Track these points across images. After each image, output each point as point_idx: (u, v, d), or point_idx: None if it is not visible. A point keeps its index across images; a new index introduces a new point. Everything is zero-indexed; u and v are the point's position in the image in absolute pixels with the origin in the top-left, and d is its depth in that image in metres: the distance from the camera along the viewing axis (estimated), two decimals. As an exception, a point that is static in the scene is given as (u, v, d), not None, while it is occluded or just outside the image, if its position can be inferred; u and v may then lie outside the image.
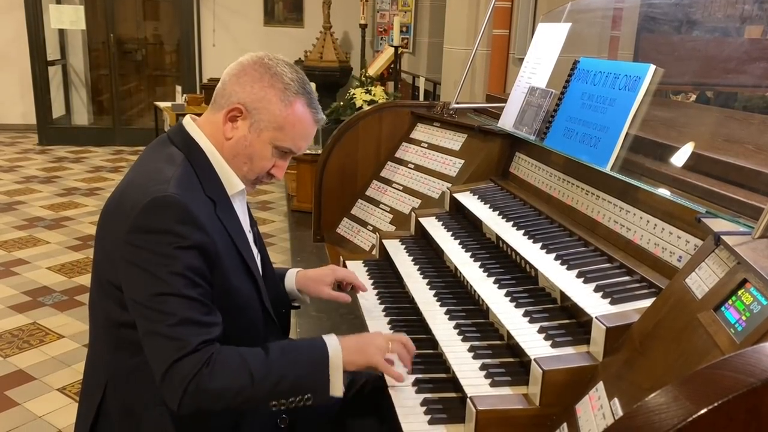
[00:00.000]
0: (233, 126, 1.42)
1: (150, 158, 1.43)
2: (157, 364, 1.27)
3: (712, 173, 1.45)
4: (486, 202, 2.08)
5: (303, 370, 1.33)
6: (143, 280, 1.27)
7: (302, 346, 1.41)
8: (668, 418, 0.65)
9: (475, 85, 5.00)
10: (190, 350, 1.25)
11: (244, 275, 1.43)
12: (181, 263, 1.26)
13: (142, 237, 1.27)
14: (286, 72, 1.43)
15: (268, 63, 1.43)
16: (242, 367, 1.28)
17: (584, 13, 2.59)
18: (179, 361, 1.24)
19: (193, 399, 1.24)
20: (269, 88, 1.40)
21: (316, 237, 2.75)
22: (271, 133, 1.42)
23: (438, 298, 1.76)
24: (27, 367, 3.00)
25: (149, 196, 1.28)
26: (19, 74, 8.28)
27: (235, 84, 1.42)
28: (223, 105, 1.42)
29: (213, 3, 8.80)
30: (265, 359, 1.31)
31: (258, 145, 1.42)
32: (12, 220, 5.13)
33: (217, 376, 1.25)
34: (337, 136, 2.70)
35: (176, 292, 1.26)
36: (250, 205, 1.61)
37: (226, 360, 1.27)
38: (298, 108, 1.42)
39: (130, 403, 1.38)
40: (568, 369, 1.24)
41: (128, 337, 1.34)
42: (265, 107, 1.40)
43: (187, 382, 1.23)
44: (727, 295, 1.05)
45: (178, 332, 1.26)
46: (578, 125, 1.78)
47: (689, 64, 3.48)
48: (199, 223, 1.29)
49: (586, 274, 1.47)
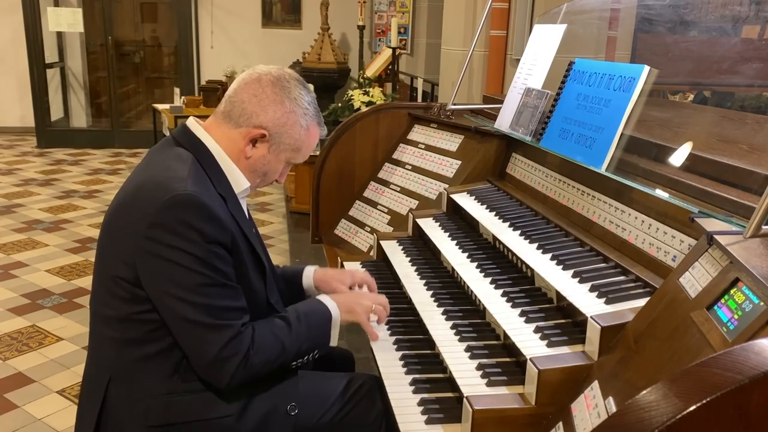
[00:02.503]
0: (253, 148, 1.49)
1: (159, 159, 1.46)
2: (203, 351, 1.34)
3: (707, 173, 1.46)
4: (483, 202, 2.09)
5: (316, 334, 1.52)
6: (175, 273, 1.32)
7: (312, 311, 1.55)
8: (658, 416, 0.66)
9: (473, 86, 5.01)
10: (236, 333, 1.35)
11: (256, 270, 1.50)
12: (209, 254, 1.33)
13: (166, 233, 1.31)
14: (303, 95, 1.52)
15: (286, 86, 1.49)
16: (276, 341, 1.43)
17: (580, 14, 2.60)
18: (228, 345, 1.34)
19: (243, 376, 1.37)
20: (290, 114, 1.49)
21: (314, 238, 2.76)
22: (289, 154, 1.53)
23: (435, 298, 1.77)
24: (26, 370, 3.00)
25: (169, 193, 1.32)
26: (17, 77, 8.29)
27: (256, 105, 1.47)
28: (242, 123, 1.47)
29: (211, 5, 8.81)
30: (289, 329, 1.47)
31: (275, 163, 1.53)
32: (11, 223, 5.13)
33: (260, 353, 1.39)
34: (335, 137, 2.71)
35: (211, 282, 1.34)
36: (249, 206, 1.64)
37: (264, 337, 1.41)
38: (313, 131, 1.55)
39: (136, 396, 1.40)
40: (564, 368, 1.25)
41: (134, 330, 1.39)
42: (287, 133, 1.50)
43: (237, 363, 1.35)
44: (720, 294, 1.06)
45: (222, 319, 1.35)
46: (574, 126, 1.79)
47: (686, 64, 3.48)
48: (218, 219, 1.35)
49: (582, 274, 1.48)
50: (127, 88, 9.24)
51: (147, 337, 1.38)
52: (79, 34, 8.30)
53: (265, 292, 1.53)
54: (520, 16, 4.71)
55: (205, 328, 1.33)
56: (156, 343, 1.38)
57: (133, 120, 9.07)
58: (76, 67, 8.70)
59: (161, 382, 1.39)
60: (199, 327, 1.33)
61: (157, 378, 1.39)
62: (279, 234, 5.05)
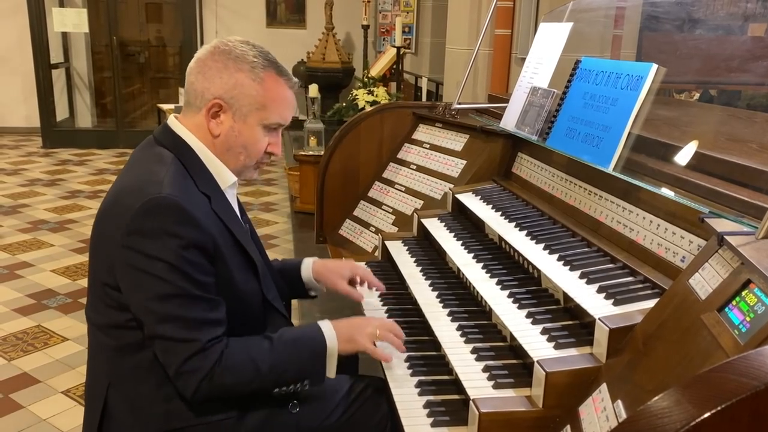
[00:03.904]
0: (217, 122, 1.42)
1: (139, 161, 1.43)
2: (169, 363, 1.30)
3: (716, 173, 1.44)
4: (488, 202, 2.07)
5: (304, 362, 1.41)
6: (146, 282, 1.28)
7: (302, 337, 1.45)
8: (671, 423, 0.65)
9: (478, 85, 5.00)
10: (200, 348, 1.29)
11: (245, 267, 1.45)
12: (183, 263, 1.28)
13: (140, 240, 1.27)
14: (246, 51, 1.41)
15: (225, 49, 1.41)
16: (251, 362, 1.34)
17: (586, 13, 2.58)
18: (190, 359, 1.29)
19: (207, 393, 1.31)
20: (238, 73, 1.39)
21: (319, 239, 2.75)
22: (256, 115, 1.42)
23: (440, 299, 1.75)
24: (31, 370, 3.00)
25: (143, 198, 1.28)
26: (23, 77, 8.30)
27: (203, 81, 1.41)
28: (200, 105, 1.42)
29: (215, 5, 8.81)
30: (270, 352, 1.37)
31: (247, 132, 1.43)
32: (16, 223, 5.13)
33: (228, 372, 1.31)
34: (339, 137, 2.70)
35: (180, 293, 1.28)
36: (253, 206, 1.62)
37: (235, 356, 1.33)
38: (271, 82, 1.42)
39: (135, 402, 1.38)
40: (571, 371, 1.24)
41: (127, 337, 1.36)
42: (240, 92, 1.40)
43: (199, 380, 1.29)
44: (731, 296, 1.05)
45: (186, 332, 1.29)
46: (580, 125, 1.77)
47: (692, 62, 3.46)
48: (195, 222, 1.30)
49: (589, 275, 1.46)
50: (132, 89, 9.26)
51: (140, 344, 1.35)
52: (84, 35, 8.31)
53: (261, 290, 1.48)
54: (525, 15, 4.70)
55: (169, 340, 1.29)
56: (149, 349, 1.35)
57: (138, 120, 9.08)
58: (81, 68, 8.71)
59: (159, 388, 1.36)
60: (164, 339, 1.30)
61: (154, 384, 1.36)
62: (283, 234, 5.04)
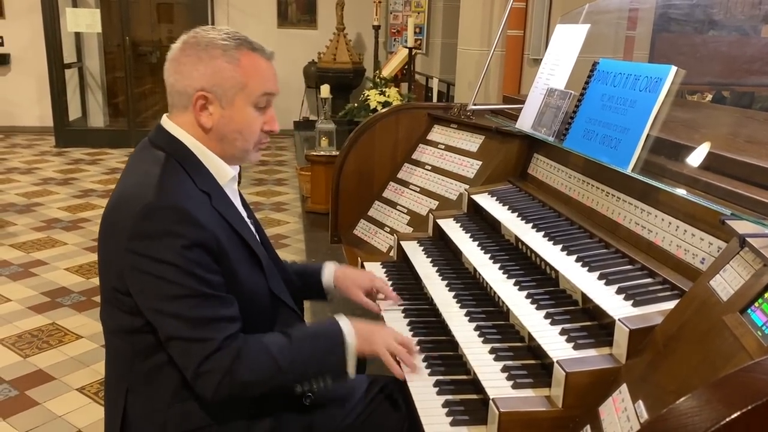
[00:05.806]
0: (207, 114, 1.39)
1: (136, 164, 1.43)
2: (186, 365, 1.30)
3: (735, 174, 1.44)
4: (504, 203, 2.07)
5: (325, 356, 1.40)
6: (155, 286, 1.28)
7: (321, 331, 1.45)
8: (701, 422, 0.65)
9: (490, 86, 4.99)
10: (216, 347, 1.28)
11: (250, 262, 1.44)
12: (188, 263, 1.27)
13: (144, 243, 1.27)
14: (214, 36, 1.39)
15: (193, 41, 1.39)
16: (270, 358, 1.33)
17: (601, 14, 2.58)
18: (208, 359, 1.27)
19: (228, 392, 1.30)
20: (212, 60, 1.37)
21: (334, 238, 2.76)
22: (241, 96, 1.39)
23: (457, 299, 1.76)
24: (46, 367, 3.03)
25: (143, 201, 1.28)
26: (36, 77, 8.38)
27: (182, 79, 1.38)
28: (186, 103, 1.39)
29: (227, 5, 8.85)
30: (289, 346, 1.37)
31: (238, 115, 1.40)
32: (30, 222, 5.18)
33: (247, 369, 1.30)
34: (354, 138, 2.71)
35: (190, 293, 1.28)
36: (264, 206, 1.62)
37: (253, 352, 1.32)
38: (246, 59, 1.39)
39: (153, 405, 1.39)
40: (591, 371, 1.24)
41: (141, 342, 1.36)
42: (221, 78, 1.37)
43: (219, 379, 1.28)
44: (754, 298, 1.05)
45: (201, 332, 1.28)
46: (598, 126, 1.78)
47: (705, 63, 3.45)
48: (196, 221, 1.29)
49: (608, 276, 1.46)
50: (144, 88, 9.30)
51: (155, 347, 1.35)
52: (97, 35, 8.37)
53: (267, 284, 1.47)
54: (538, 16, 4.69)
55: (185, 341, 1.29)
56: (164, 352, 1.34)
57: (149, 120, 9.11)
58: (93, 68, 8.77)
59: (176, 391, 1.36)
60: (180, 340, 1.29)
61: (171, 387, 1.36)
62: (295, 234, 5.06)
